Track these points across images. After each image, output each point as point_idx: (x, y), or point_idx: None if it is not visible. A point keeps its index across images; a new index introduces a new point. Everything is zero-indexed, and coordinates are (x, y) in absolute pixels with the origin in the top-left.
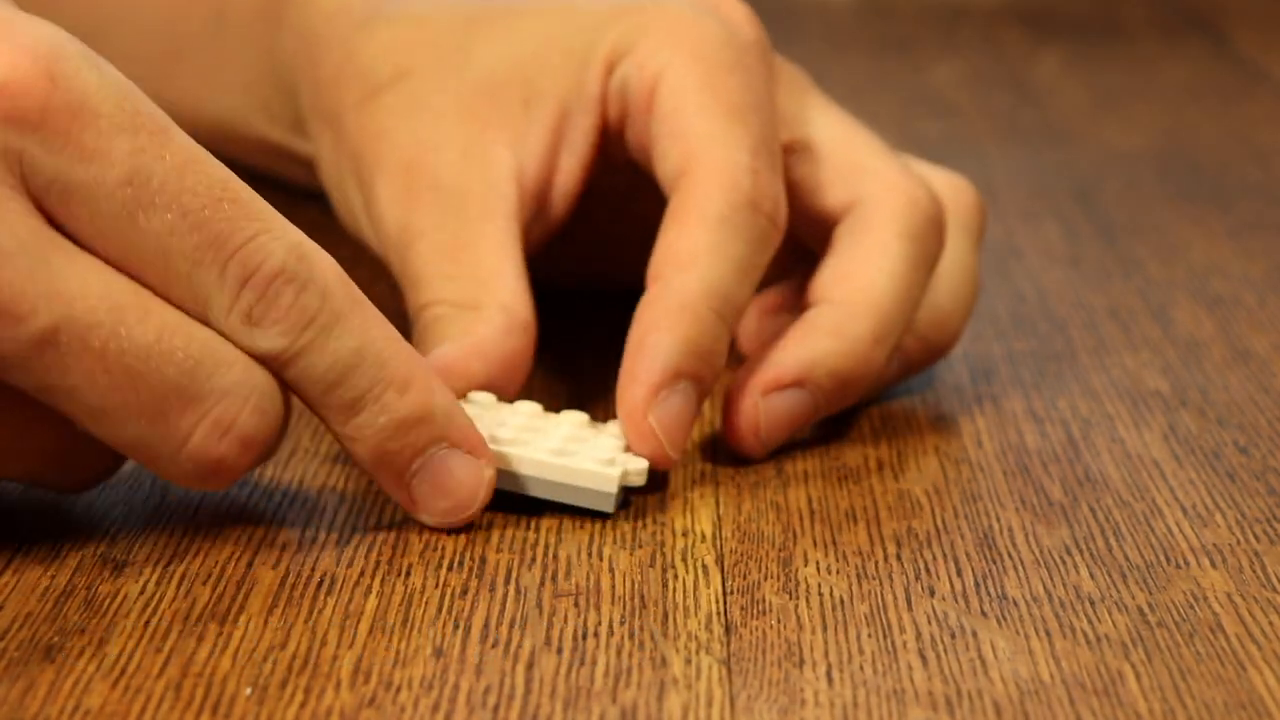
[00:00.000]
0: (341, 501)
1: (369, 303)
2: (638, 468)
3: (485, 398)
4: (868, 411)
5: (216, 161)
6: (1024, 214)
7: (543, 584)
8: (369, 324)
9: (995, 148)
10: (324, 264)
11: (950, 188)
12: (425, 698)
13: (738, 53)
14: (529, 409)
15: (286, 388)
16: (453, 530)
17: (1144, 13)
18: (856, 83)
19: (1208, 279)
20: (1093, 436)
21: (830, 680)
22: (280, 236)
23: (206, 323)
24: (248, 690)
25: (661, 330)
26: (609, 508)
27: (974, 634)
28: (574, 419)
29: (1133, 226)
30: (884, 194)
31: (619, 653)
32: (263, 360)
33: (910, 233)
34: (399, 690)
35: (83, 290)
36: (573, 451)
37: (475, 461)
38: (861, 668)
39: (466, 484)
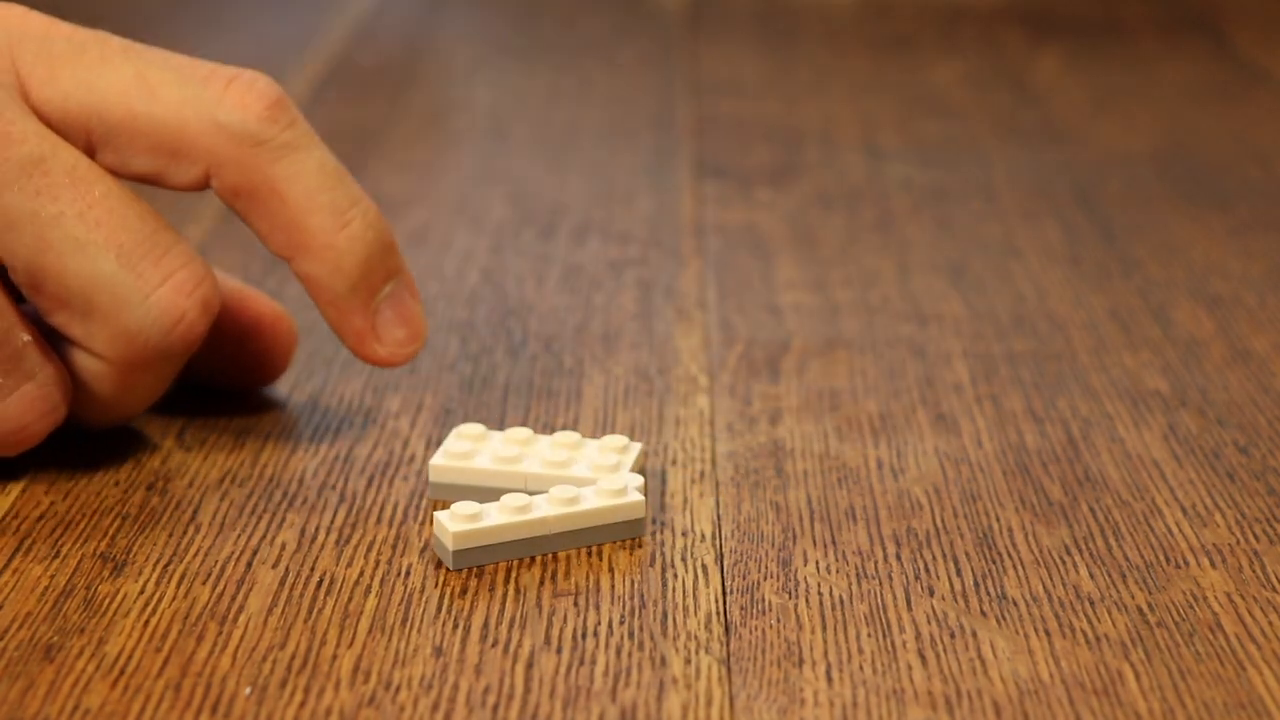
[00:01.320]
0: (341, 501)
1: None
2: (637, 482)
3: (474, 429)
4: (868, 411)
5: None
6: (1024, 214)
7: (542, 584)
8: (331, 154)
9: (995, 148)
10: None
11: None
12: (425, 697)
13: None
14: (521, 435)
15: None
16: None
17: (1144, 13)
18: (856, 83)
19: (1208, 279)
20: (1093, 436)
21: (830, 680)
22: (248, 69)
23: (192, 128)
24: (247, 690)
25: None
26: (643, 532)
27: (973, 634)
28: (563, 440)
29: (1133, 226)
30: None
31: (619, 652)
32: (254, 146)
33: None
34: (398, 690)
35: (67, 143)
36: (588, 495)
37: (419, 303)
38: (861, 667)
39: (419, 316)
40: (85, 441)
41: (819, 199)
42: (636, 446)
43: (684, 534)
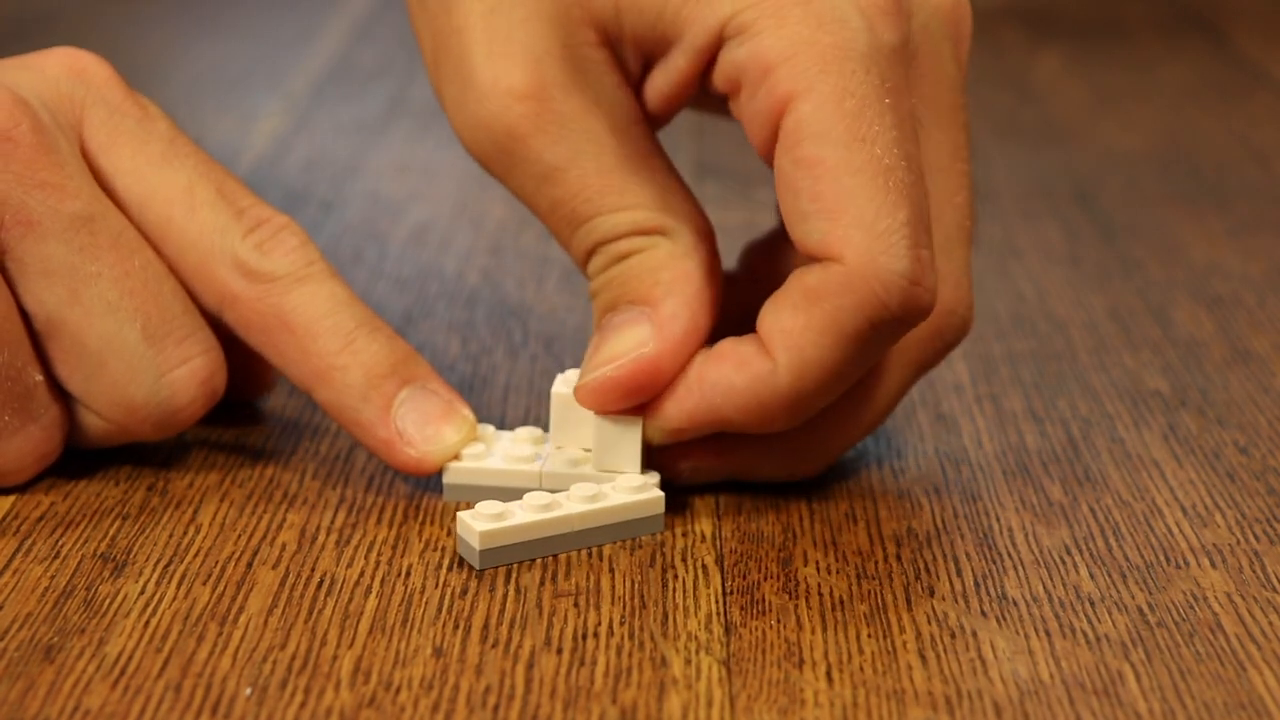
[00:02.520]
0: (341, 501)
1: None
2: (654, 479)
3: (485, 430)
4: None
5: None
6: (1024, 214)
7: (543, 584)
8: (348, 287)
9: (995, 148)
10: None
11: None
12: (425, 698)
13: (881, 70)
14: (529, 434)
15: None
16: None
17: (1144, 13)
18: None
19: (1208, 279)
20: (1093, 436)
21: (830, 680)
22: (279, 212)
23: (211, 260)
24: (247, 690)
25: (730, 404)
26: (661, 527)
27: (974, 634)
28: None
29: (1133, 226)
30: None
31: (619, 653)
32: (268, 282)
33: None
34: (399, 690)
35: (117, 209)
36: (609, 492)
37: (451, 399)
38: (861, 668)
39: (447, 406)
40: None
41: None
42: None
43: (684, 534)
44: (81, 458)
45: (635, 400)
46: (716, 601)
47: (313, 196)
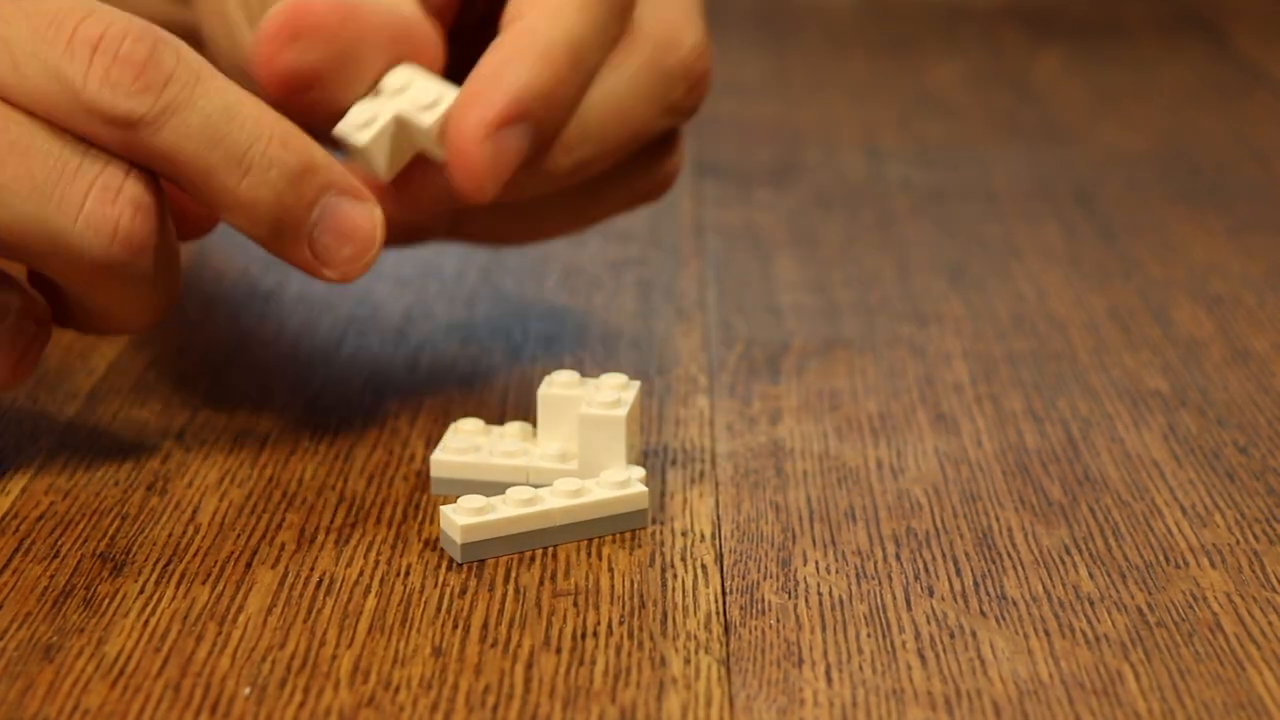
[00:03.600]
0: (341, 501)
1: (216, 70)
2: (639, 474)
3: (473, 424)
4: (868, 411)
5: None
6: (1024, 214)
7: (542, 583)
8: (228, 86)
9: (995, 148)
10: (168, 35)
11: None
12: (424, 697)
13: None
14: (518, 429)
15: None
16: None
17: (1144, 13)
18: (857, 83)
19: (1207, 279)
20: (1092, 436)
21: (829, 680)
22: (115, 10)
23: (64, 112)
24: (247, 690)
25: (520, 66)
26: (646, 523)
27: (973, 634)
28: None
29: (1133, 226)
30: None
31: (618, 652)
32: (132, 126)
33: None
34: (398, 690)
35: None
36: (592, 488)
37: (365, 204)
38: (861, 667)
39: (364, 225)
40: (85, 441)
41: (819, 199)
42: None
43: (684, 534)
44: (81, 457)
45: (306, 40)
46: (716, 601)
47: None
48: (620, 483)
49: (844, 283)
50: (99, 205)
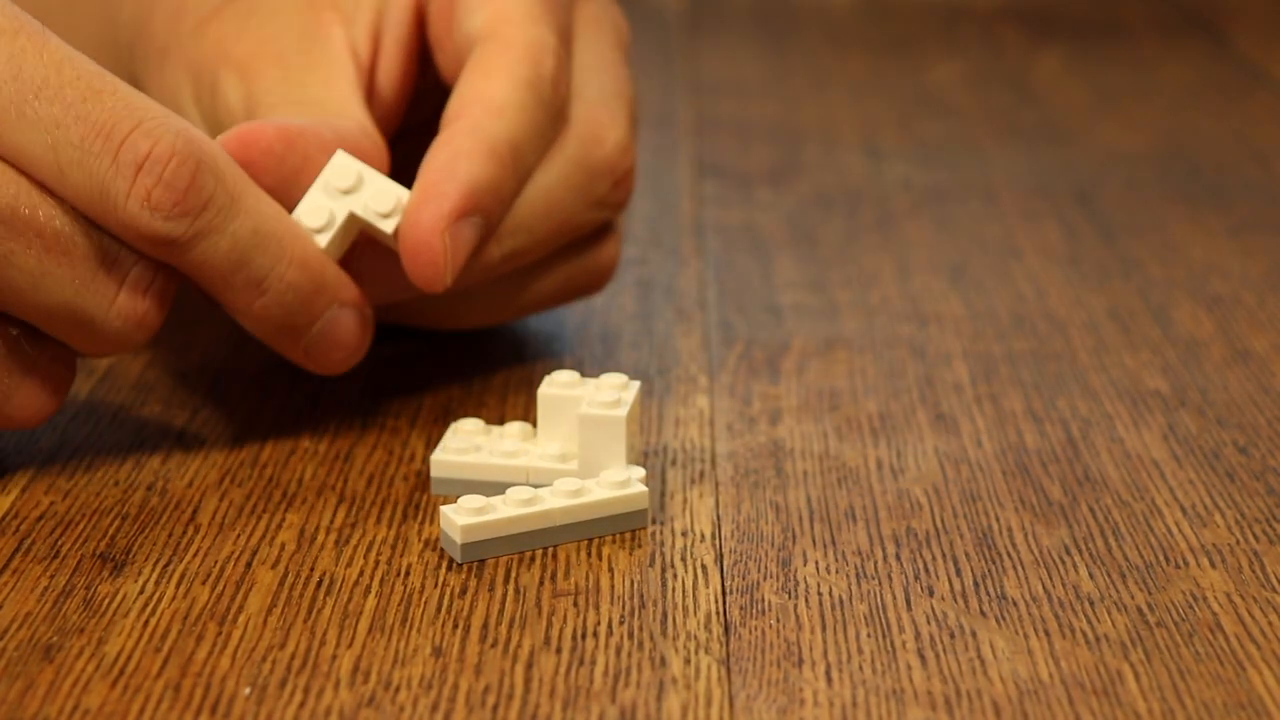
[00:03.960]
0: (341, 501)
1: (253, 183)
2: (639, 474)
3: (473, 424)
4: (868, 411)
5: (91, 60)
6: (1024, 214)
7: (542, 583)
8: (261, 203)
9: (995, 148)
10: (212, 146)
11: (596, 6)
12: (424, 697)
13: None
14: (519, 429)
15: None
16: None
17: (1144, 13)
18: (856, 83)
19: (1207, 279)
20: (1092, 436)
21: (829, 680)
22: (164, 121)
23: (103, 221)
24: (247, 690)
25: (470, 161)
26: (646, 523)
27: (973, 634)
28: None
29: (1133, 226)
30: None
31: (618, 652)
32: (165, 245)
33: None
34: (398, 690)
35: (3, 171)
36: (592, 488)
37: (361, 313)
38: (861, 667)
39: (356, 334)
40: (85, 441)
41: (819, 199)
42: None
43: (684, 534)
44: (81, 457)
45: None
46: (716, 601)
47: None
48: (620, 483)
49: (844, 283)
50: (130, 298)
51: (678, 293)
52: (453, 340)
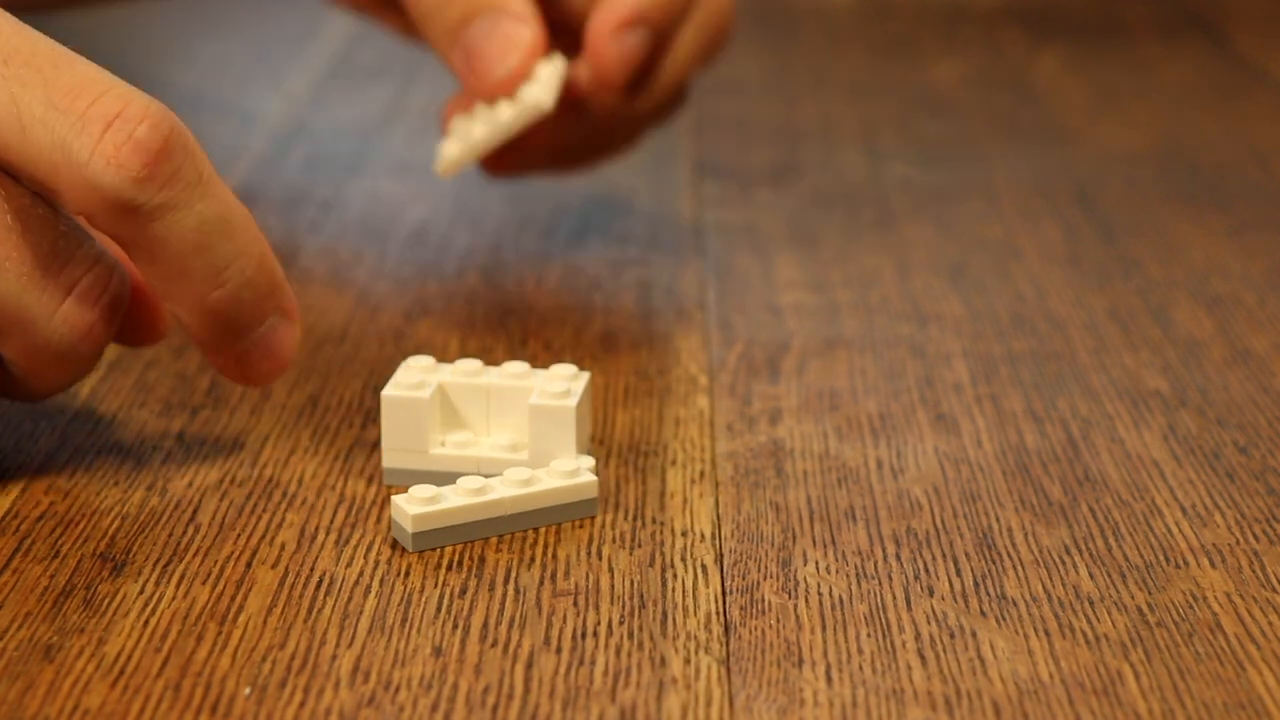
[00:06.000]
0: (341, 501)
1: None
2: (589, 464)
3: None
4: (868, 411)
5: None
6: (1024, 214)
7: (542, 584)
8: (227, 196)
9: (995, 148)
10: (184, 127)
11: None
12: (424, 697)
13: None
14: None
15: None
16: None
17: (1144, 13)
18: (856, 83)
19: (1207, 279)
20: (1092, 436)
21: (829, 680)
22: (138, 91)
23: (63, 185)
24: (247, 690)
25: None
26: (595, 512)
27: (973, 634)
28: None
29: (1133, 226)
30: None
31: (618, 652)
32: (127, 213)
33: None
34: (398, 690)
35: None
36: (542, 477)
37: (295, 325)
38: (861, 668)
39: (290, 346)
40: (85, 441)
41: (819, 199)
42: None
43: (684, 534)
44: (81, 457)
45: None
46: (716, 601)
47: (313, 196)
48: (569, 472)
49: (844, 283)
50: (79, 305)
51: (678, 293)
52: (452, 340)
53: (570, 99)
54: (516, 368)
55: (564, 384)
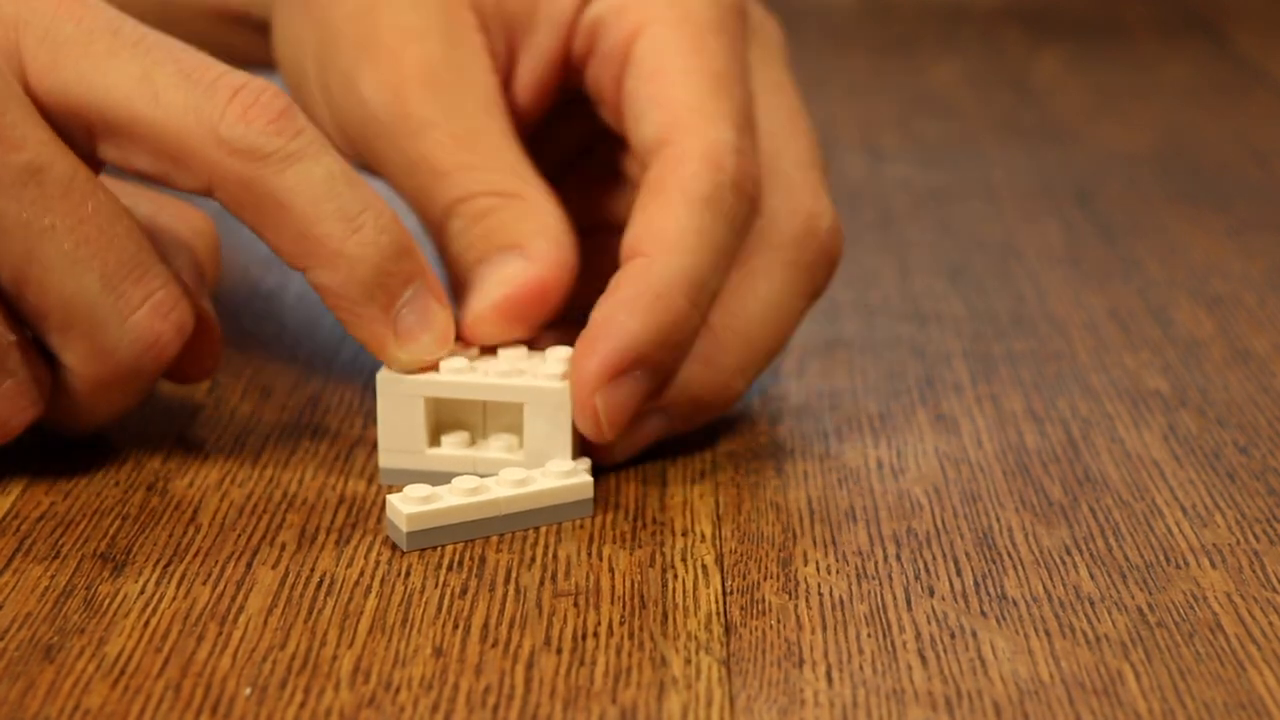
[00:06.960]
0: (341, 501)
1: None
2: (585, 464)
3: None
4: (868, 411)
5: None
6: (1024, 214)
7: (542, 584)
8: (349, 164)
9: (995, 148)
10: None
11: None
12: (425, 698)
13: (721, 12)
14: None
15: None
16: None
17: (1144, 13)
18: (856, 83)
19: (1208, 279)
20: (1092, 436)
21: (830, 680)
22: (259, 76)
23: (195, 145)
24: (247, 690)
25: (632, 313)
26: (590, 512)
27: (974, 634)
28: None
29: (1133, 226)
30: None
31: (619, 653)
32: (260, 160)
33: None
34: (398, 690)
35: (67, 150)
36: (537, 477)
37: (446, 307)
38: (861, 668)
39: (443, 318)
40: (85, 442)
41: None
42: None
43: (684, 534)
44: (81, 457)
45: (525, 324)
46: (716, 601)
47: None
48: (565, 473)
49: (844, 283)
50: (151, 315)
51: None
52: None
53: None
54: (514, 352)
55: (561, 365)
